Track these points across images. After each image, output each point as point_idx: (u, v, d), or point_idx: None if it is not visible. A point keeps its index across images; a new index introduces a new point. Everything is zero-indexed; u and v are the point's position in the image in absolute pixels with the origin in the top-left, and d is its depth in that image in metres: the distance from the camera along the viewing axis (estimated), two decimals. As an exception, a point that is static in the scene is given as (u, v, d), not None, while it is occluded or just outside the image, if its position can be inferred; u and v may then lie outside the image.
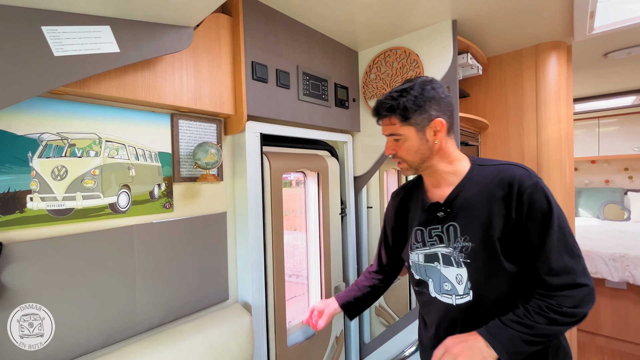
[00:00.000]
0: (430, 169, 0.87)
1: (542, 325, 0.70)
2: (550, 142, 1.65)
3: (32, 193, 0.72)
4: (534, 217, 0.72)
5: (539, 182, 0.74)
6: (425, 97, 0.80)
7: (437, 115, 0.81)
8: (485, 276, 0.77)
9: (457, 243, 0.82)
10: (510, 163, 0.80)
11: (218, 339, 0.96)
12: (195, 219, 1.03)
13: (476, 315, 0.79)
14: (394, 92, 0.83)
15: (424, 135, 0.82)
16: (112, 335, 0.84)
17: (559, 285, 0.71)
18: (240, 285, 1.17)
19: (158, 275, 0.93)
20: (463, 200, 0.82)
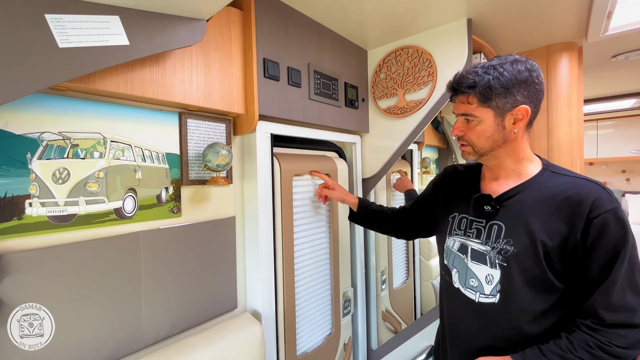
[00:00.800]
0: (495, 160, 0.78)
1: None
2: (562, 145, 1.63)
3: (32, 198, 0.65)
4: (602, 246, 0.64)
5: (619, 208, 0.65)
6: (515, 79, 0.70)
7: (523, 102, 0.71)
8: (520, 284, 0.72)
9: (498, 244, 0.75)
10: (590, 180, 0.71)
11: (229, 351, 0.90)
12: (203, 224, 0.97)
13: (496, 318, 0.75)
14: (479, 67, 0.73)
15: (502, 121, 0.73)
16: (116, 350, 0.78)
17: (613, 323, 0.64)
18: (249, 293, 1.12)
19: (165, 284, 0.87)
20: (518, 202, 0.74)
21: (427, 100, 1.39)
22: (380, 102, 1.55)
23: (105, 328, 0.76)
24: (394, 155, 1.53)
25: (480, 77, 0.71)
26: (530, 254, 0.70)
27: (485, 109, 0.73)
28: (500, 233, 0.75)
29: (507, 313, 0.74)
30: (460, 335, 0.84)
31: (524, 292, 0.72)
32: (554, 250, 0.68)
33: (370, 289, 1.66)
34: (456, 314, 0.85)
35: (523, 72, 0.70)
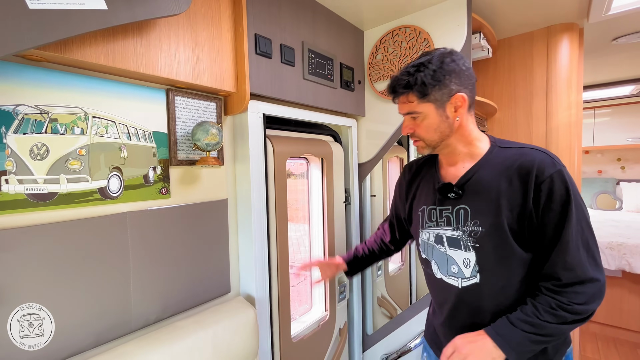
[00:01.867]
0: (447, 148, 0.82)
1: (551, 324, 0.67)
2: (560, 129, 1.61)
3: (8, 174, 0.62)
4: (552, 208, 0.68)
5: (562, 170, 0.69)
6: (444, 71, 0.74)
7: (458, 90, 0.75)
8: (495, 261, 0.75)
9: (467, 227, 0.78)
10: (534, 147, 0.74)
11: (221, 335, 0.89)
12: (194, 206, 0.94)
13: (481, 297, 0.78)
14: (410, 67, 0.76)
15: (444, 111, 0.76)
16: (104, 334, 0.76)
17: (570, 282, 0.68)
18: (242, 277, 1.10)
19: (154, 267, 0.84)
20: (477, 182, 0.77)
21: (424, 81, 1.35)
22: (377, 84, 1.51)
23: (91, 311, 0.73)
24: (391, 139, 1.50)
25: (413, 76, 0.75)
26: (497, 230, 0.73)
27: (426, 104, 0.76)
28: (467, 216, 0.78)
29: (490, 291, 0.77)
30: (452, 322, 0.85)
31: (500, 269, 0.75)
32: (515, 221, 0.71)
33: (365, 274, 1.65)
34: (444, 301, 0.86)
35: (450, 63, 0.74)
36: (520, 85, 1.74)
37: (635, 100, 3.68)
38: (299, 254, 1.66)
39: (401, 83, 0.77)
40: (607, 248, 2.50)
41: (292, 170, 1.68)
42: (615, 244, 2.49)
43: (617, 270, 2.51)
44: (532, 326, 0.68)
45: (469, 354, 0.69)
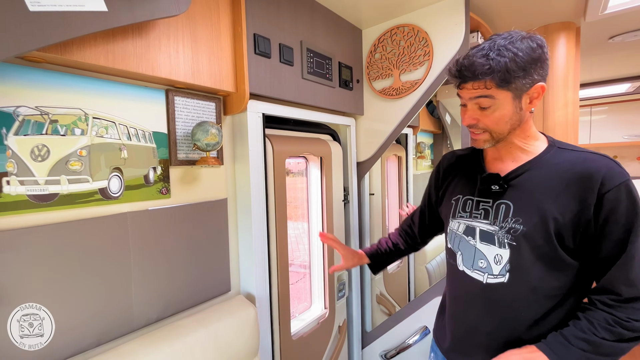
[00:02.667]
0: (509, 139, 0.75)
1: (608, 342, 0.63)
2: (557, 127, 1.62)
3: (9, 176, 0.62)
4: (616, 221, 0.63)
5: (629, 181, 0.64)
6: (530, 58, 0.66)
7: (539, 80, 0.68)
8: (530, 263, 0.70)
9: (506, 223, 0.73)
10: (599, 153, 0.68)
11: (223, 333, 0.90)
12: (194, 206, 0.95)
13: (506, 298, 0.74)
14: (489, 50, 0.67)
15: (520, 102, 0.69)
16: (106, 333, 0.76)
17: (630, 297, 0.64)
18: (242, 275, 1.11)
19: (155, 267, 0.85)
20: (527, 180, 0.72)
21: (422, 80, 1.36)
22: (375, 83, 1.52)
23: (93, 311, 0.74)
24: (389, 138, 1.50)
25: (496, 60, 0.66)
26: (540, 231, 0.68)
27: (504, 92, 0.68)
28: (508, 212, 0.73)
29: (517, 291, 0.72)
30: (467, 319, 0.82)
31: (535, 270, 0.70)
32: (565, 227, 0.66)
33: (364, 272, 1.67)
34: (462, 296, 0.83)
35: (536, 49, 0.67)
36: (517, 84, 1.75)
37: (631, 98, 3.70)
38: (298, 252, 1.67)
39: (480, 69, 0.67)
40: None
41: (291, 168, 1.68)
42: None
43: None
44: (588, 344, 0.64)
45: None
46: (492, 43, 0.68)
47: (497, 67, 0.66)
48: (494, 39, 0.70)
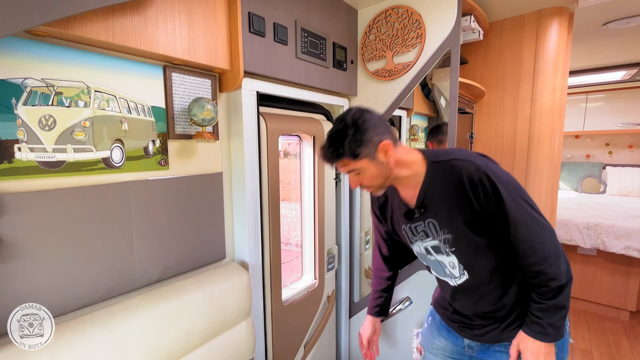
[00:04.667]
0: (395, 180, 0.94)
1: (551, 311, 0.82)
2: (544, 112, 1.67)
3: (20, 143, 0.68)
4: (490, 201, 0.80)
5: (485, 170, 0.80)
6: (362, 131, 0.85)
7: (380, 139, 0.86)
8: (472, 258, 0.89)
9: (440, 236, 0.91)
10: (459, 157, 0.85)
11: (217, 294, 0.98)
12: (191, 178, 1.01)
13: (476, 288, 0.92)
14: (333, 138, 0.88)
15: (377, 160, 0.88)
16: (112, 289, 0.85)
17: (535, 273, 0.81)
18: (237, 244, 1.18)
19: (155, 232, 0.92)
20: (431, 199, 0.90)
21: (414, 62, 1.39)
22: (369, 64, 1.55)
23: (100, 268, 0.81)
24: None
25: (339, 145, 0.86)
26: (462, 233, 0.86)
27: (360, 161, 0.87)
28: (437, 227, 0.91)
29: (479, 280, 0.91)
30: (455, 303, 1.02)
31: (479, 260, 0.89)
32: (472, 221, 0.84)
33: (354, 247, 1.76)
34: (446, 291, 1.04)
35: (363, 123, 0.85)
36: (509, 68, 1.78)
37: (627, 86, 3.72)
38: (295, 232, 1.75)
39: (333, 155, 0.88)
40: (585, 228, 2.64)
41: (289, 150, 1.74)
42: (592, 224, 2.62)
43: (592, 248, 2.66)
44: (545, 312, 0.83)
45: None
46: (334, 131, 0.88)
47: (342, 150, 0.86)
48: (337, 125, 0.88)
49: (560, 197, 3.66)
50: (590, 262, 2.74)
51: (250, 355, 1.11)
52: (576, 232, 2.67)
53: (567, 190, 4.16)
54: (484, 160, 0.84)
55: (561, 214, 2.81)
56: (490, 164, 0.83)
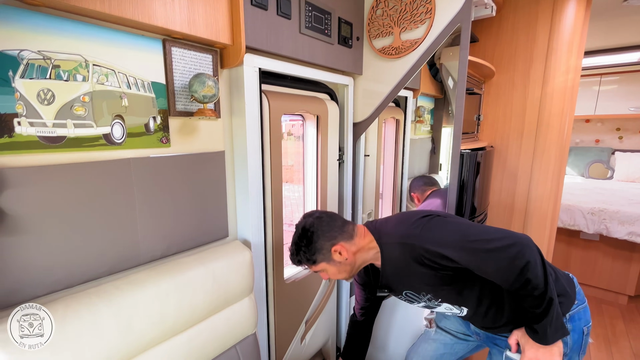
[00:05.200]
0: (363, 262, 1.03)
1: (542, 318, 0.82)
2: (555, 94, 1.62)
3: (19, 117, 0.67)
4: (442, 263, 0.87)
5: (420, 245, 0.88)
6: (313, 243, 0.97)
7: (332, 244, 0.97)
8: (460, 297, 0.97)
9: (422, 298, 1.00)
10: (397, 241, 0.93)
11: (220, 271, 1.00)
12: (193, 156, 1.00)
13: (480, 312, 1.00)
14: (293, 247, 1.02)
15: (334, 260, 0.98)
16: (117, 264, 0.86)
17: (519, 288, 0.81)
18: (239, 223, 1.19)
19: (158, 209, 0.93)
20: (393, 278, 0.99)
21: (422, 40, 1.34)
22: (375, 41, 1.49)
23: (104, 243, 0.83)
24: (386, 99, 1.52)
25: (297, 256, 1.01)
26: (439, 289, 0.95)
27: (319, 265, 1.00)
28: (414, 295, 1.00)
29: (480, 308, 0.98)
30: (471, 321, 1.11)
31: (466, 297, 0.97)
32: (440, 281, 0.92)
33: (356, 228, 1.76)
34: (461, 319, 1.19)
35: (312, 236, 0.97)
36: (521, 47, 1.71)
37: (643, 67, 3.58)
38: (298, 214, 1.76)
39: (295, 261, 1.03)
40: (589, 213, 2.62)
41: (293, 132, 1.72)
42: (596, 210, 2.60)
43: (595, 234, 2.66)
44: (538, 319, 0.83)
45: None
46: (294, 242, 1.02)
47: (301, 259, 1.00)
48: (294, 237, 1.02)
49: (566, 183, 3.62)
50: (592, 248, 2.74)
51: (253, 331, 1.14)
52: (580, 217, 2.66)
53: (574, 176, 4.11)
54: (416, 232, 0.90)
55: (566, 199, 2.79)
56: (423, 231, 0.89)
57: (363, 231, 1.02)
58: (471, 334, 1.22)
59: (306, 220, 1.01)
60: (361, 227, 1.04)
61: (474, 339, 1.22)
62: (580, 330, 0.96)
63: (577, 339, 0.96)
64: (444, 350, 1.29)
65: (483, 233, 0.84)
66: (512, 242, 0.80)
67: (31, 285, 0.72)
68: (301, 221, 1.02)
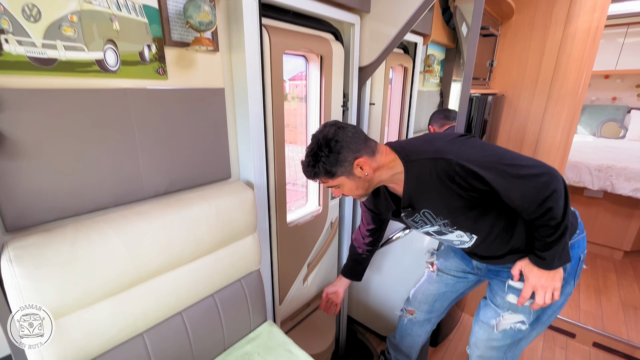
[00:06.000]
0: (380, 182, 0.99)
1: (552, 247, 0.87)
2: (577, 35, 1.51)
3: (6, 34, 0.63)
4: (474, 184, 0.84)
5: (456, 161, 0.83)
6: (336, 152, 0.90)
7: (355, 157, 0.91)
8: (474, 225, 0.96)
9: (438, 222, 0.98)
10: (428, 156, 0.89)
11: (223, 208, 1.01)
12: (191, 91, 0.97)
13: (488, 243, 1.01)
14: (310, 157, 0.94)
15: (355, 175, 0.94)
16: (122, 196, 0.87)
17: (537, 218, 0.84)
18: (242, 165, 1.19)
19: (158, 143, 0.92)
20: (417, 198, 0.95)
21: (437, -32, 1.22)
22: (386, -27, 1.36)
23: (109, 174, 0.83)
24: (393, 41, 1.42)
25: (316, 167, 0.93)
26: (458, 215, 0.94)
27: (337, 179, 0.94)
28: (432, 215, 0.97)
29: (489, 237, 1.00)
30: (475, 252, 1.11)
31: (480, 225, 0.97)
32: (463, 205, 0.90)
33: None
34: (465, 252, 1.19)
35: (336, 144, 0.90)
36: (545, -19, 1.56)
37: (676, 16, 3.30)
38: (301, 174, 1.75)
39: (310, 175, 0.96)
40: (596, 170, 2.59)
41: (297, 93, 1.64)
42: (604, 167, 2.57)
43: (600, 190, 2.65)
44: (547, 247, 0.87)
45: (546, 286, 0.92)
46: (311, 151, 0.94)
47: (318, 171, 0.93)
48: (312, 146, 0.95)
49: (576, 141, 3.53)
50: (594, 204, 2.75)
51: (257, 267, 1.19)
52: (586, 174, 2.63)
53: (585, 135, 4.01)
54: (453, 149, 0.86)
55: (573, 157, 2.74)
56: (460, 148, 0.86)
57: (385, 150, 0.98)
58: (471, 269, 1.27)
59: (328, 129, 0.93)
60: (383, 146, 1.00)
61: (475, 274, 1.28)
62: (578, 257, 1.01)
63: (574, 265, 1.01)
64: (445, 289, 1.37)
65: (517, 159, 0.83)
66: (542, 171, 0.81)
67: (40, 210, 0.74)
68: (322, 129, 0.94)
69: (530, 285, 0.94)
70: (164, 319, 0.92)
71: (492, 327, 1.13)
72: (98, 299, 0.77)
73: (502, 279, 1.11)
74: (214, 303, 1.04)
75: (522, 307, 1.05)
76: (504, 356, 1.16)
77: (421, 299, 1.46)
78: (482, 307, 1.19)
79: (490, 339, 1.15)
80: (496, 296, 1.13)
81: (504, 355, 1.16)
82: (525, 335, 1.11)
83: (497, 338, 1.13)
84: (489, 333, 1.15)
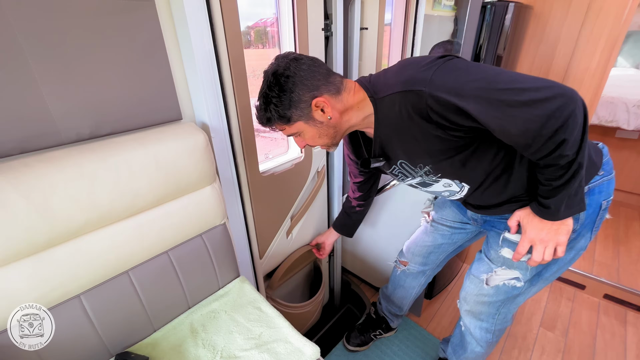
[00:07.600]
0: (348, 129, 0.83)
1: (561, 191, 0.68)
2: None
3: None
4: (455, 119, 0.65)
5: (429, 91, 0.63)
6: (288, 91, 0.73)
7: (313, 96, 0.74)
8: (461, 172, 0.80)
9: (418, 171, 0.83)
10: (396, 90, 0.69)
11: (166, 154, 0.85)
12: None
13: (481, 191, 0.85)
14: (261, 100, 0.77)
15: (315, 120, 0.77)
16: (28, 141, 0.71)
17: (540, 156, 0.64)
18: (195, 104, 0.99)
19: (68, 69, 0.72)
20: (389, 143, 0.80)
21: None
22: None
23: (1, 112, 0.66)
24: None
25: (267, 111, 0.76)
26: (439, 160, 0.76)
27: (295, 124, 0.78)
28: (410, 167, 0.83)
29: (483, 185, 0.83)
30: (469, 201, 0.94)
31: (470, 170, 0.79)
32: (444, 146, 0.73)
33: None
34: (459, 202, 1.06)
35: (286, 80, 0.72)
36: None
37: None
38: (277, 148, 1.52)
39: (264, 121, 0.80)
40: (634, 106, 2.24)
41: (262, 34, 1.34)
42: (645, 102, 2.20)
43: (635, 131, 2.32)
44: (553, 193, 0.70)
45: (547, 240, 0.75)
46: (261, 92, 0.77)
47: (271, 116, 0.77)
48: (263, 85, 0.77)
49: (616, 75, 3.05)
50: (626, 147, 2.44)
51: (221, 221, 1.06)
52: (623, 111, 2.28)
53: (626, 68, 3.49)
54: (426, 76, 0.64)
55: (611, 92, 2.36)
56: (436, 74, 0.64)
57: (353, 86, 0.78)
58: (468, 220, 1.12)
59: (279, 62, 0.74)
60: (351, 82, 0.80)
61: (472, 225, 1.13)
62: (599, 204, 0.81)
63: (592, 214, 0.81)
64: (442, 241, 1.25)
65: (516, 81, 0.60)
66: (553, 93, 0.57)
67: None
68: (272, 64, 0.76)
69: (527, 239, 0.79)
70: (105, 279, 0.82)
71: (482, 281, 1.02)
72: (6, 261, 0.66)
73: (499, 231, 0.96)
74: (168, 261, 0.93)
75: (517, 262, 0.90)
76: (497, 312, 1.05)
77: (415, 251, 1.35)
78: (476, 260, 1.07)
79: (480, 293, 1.04)
80: (490, 249, 1.00)
81: (496, 311, 1.05)
82: (522, 292, 0.98)
83: (488, 293, 1.02)
84: (479, 287, 1.04)
